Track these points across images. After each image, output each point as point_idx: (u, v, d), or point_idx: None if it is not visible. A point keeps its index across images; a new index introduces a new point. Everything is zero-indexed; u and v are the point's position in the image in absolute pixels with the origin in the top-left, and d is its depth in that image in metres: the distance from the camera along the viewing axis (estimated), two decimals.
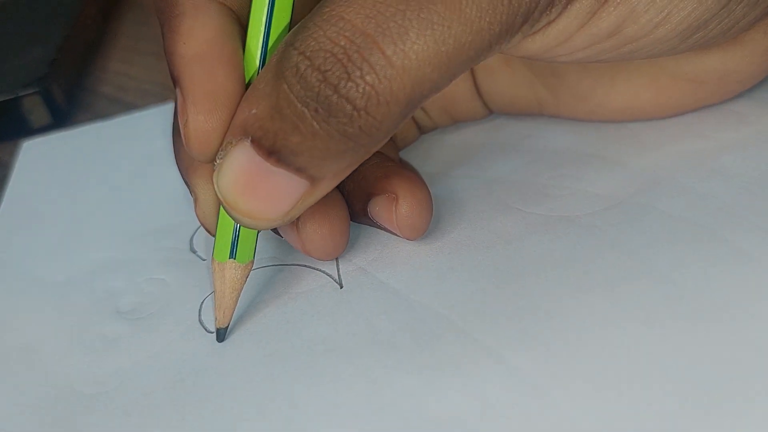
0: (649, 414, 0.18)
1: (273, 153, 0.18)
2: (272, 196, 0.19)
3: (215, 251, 0.22)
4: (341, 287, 0.23)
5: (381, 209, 0.22)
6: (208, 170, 0.21)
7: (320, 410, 0.20)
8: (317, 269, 0.24)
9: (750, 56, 0.23)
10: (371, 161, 0.23)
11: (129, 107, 0.37)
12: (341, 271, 0.24)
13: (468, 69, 0.19)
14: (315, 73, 0.17)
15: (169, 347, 0.23)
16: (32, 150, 0.34)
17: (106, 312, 0.25)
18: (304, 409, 0.20)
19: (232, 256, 0.21)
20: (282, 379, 0.21)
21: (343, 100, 0.17)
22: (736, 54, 0.23)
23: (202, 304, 0.24)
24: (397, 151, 0.27)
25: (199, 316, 0.23)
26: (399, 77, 0.17)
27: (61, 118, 0.37)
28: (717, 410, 0.17)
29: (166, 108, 0.34)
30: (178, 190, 0.28)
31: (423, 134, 0.28)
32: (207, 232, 0.23)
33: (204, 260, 0.26)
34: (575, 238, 0.22)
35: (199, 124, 0.19)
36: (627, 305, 0.20)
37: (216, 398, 0.21)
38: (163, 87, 0.37)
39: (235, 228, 0.21)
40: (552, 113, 0.27)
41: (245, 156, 0.18)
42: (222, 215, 0.21)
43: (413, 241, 0.24)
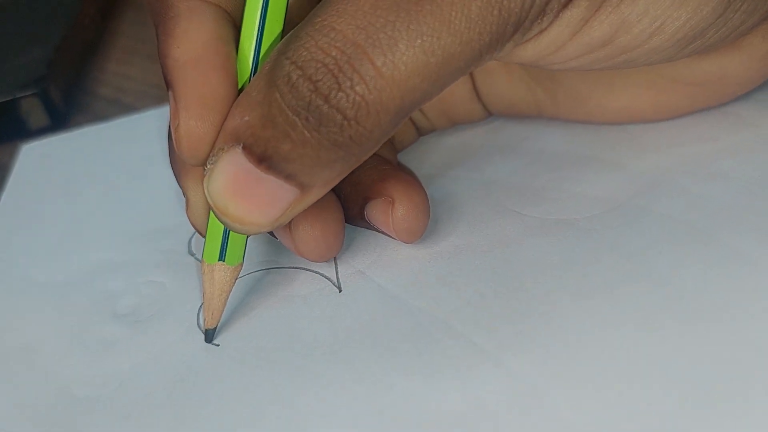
0: (649, 416, 0.18)
1: (264, 160, 0.18)
2: (262, 203, 0.19)
3: (205, 253, 0.22)
4: (340, 291, 0.23)
5: (377, 212, 0.23)
6: (200, 173, 0.21)
7: (319, 414, 0.20)
8: (316, 273, 0.24)
9: (749, 60, 0.23)
10: (368, 164, 0.23)
11: (127, 109, 0.36)
12: (340, 275, 0.24)
13: (459, 78, 0.19)
14: (306, 83, 0.18)
15: (168, 350, 0.23)
16: (31, 153, 0.34)
17: (105, 314, 0.25)
18: (303, 413, 0.20)
19: (222, 259, 0.21)
20: (281, 383, 0.21)
21: (334, 110, 0.18)
22: (735, 58, 0.23)
23: (200, 308, 0.24)
24: (396, 154, 0.27)
25: (198, 319, 0.23)
26: (389, 87, 0.18)
27: (59, 120, 0.37)
28: (716, 412, 0.17)
29: (164, 110, 0.34)
30: (176, 193, 0.27)
31: (422, 136, 0.28)
32: (198, 234, 0.23)
33: None
34: (574, 241, 0.22)
35: (191, 129, 0.19)
36: (626, 308, 0.20)
37: (214, 401, 0.21)
38: (162, 89, 0.37)
39: (225, 231, 0.21)
40: (551, 115, 0.27)
41: (236, 162, 0.18)
42: (212, 218, 0.21)
43: (412, 245, 0.24)
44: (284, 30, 0.20)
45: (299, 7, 0.21)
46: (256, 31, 0.20)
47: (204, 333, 0.22)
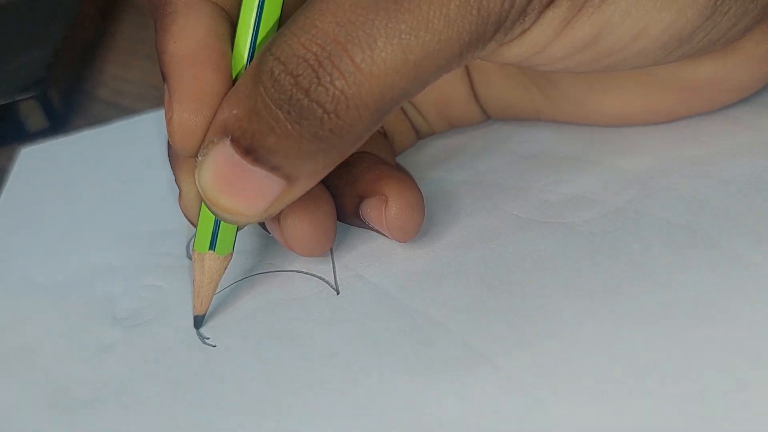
0: (646, 417, 0.18)
1: (250, 152, 0.19)
2: (250, 194, 0.19)
3: (196, 242, 0.22)
4: (338, 293, 0.23)
5: (371, 211, 0.23)
6: (192, 164, 0.22)
7: (316, 416, 0.20)
8: (314, 276, 0.24)
9: (742, 65, 0.23)
10: (364, 164, 0.23)
11: (126, 111, 0.37)
12: (338, 278, 0.24)
13: (441, 76, 0.19)
14: (288, 77, 0.18)
15: (166, 353, 0.23)
16: (29, 156, 0.34)
17: (104, 317, 0.25)
18: (301, 416, 0.20)
19: (212, 248, 0.22)
20: (278, 386, 0.21)
21: (314, 104, 0.18)
22: (728, 63, 0.23)
23: None
24: (394, 156, 0.27)
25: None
26: (367, 83, 0.18)
27: (58, 123, 0.37)
28: (713, 414, 0.17)
29: (163, 113, 0.34)
30: (174, 196, 0.27)
31: (421, 139, 0.28)
32: (190, 223, 0.23)
33: None
34: (571, 244, 0.22)
35: (183, 121, 0.20)
36: (623, 310, 0.20)
37: (212, 405, 0.21)
38: (160, 91, 0.37)
39: (216, 221, 0.22)
40: (548, 118, 0.27)
41: (225, 154, 0.19)
42: (204, 208, 0.22)
43: (409, 247, 0.24)
44: (280, 25, 0.21)
45: (296, 7, 0.21)
46: (252, 29, 0.20)
47: (193, 319, 0.23)
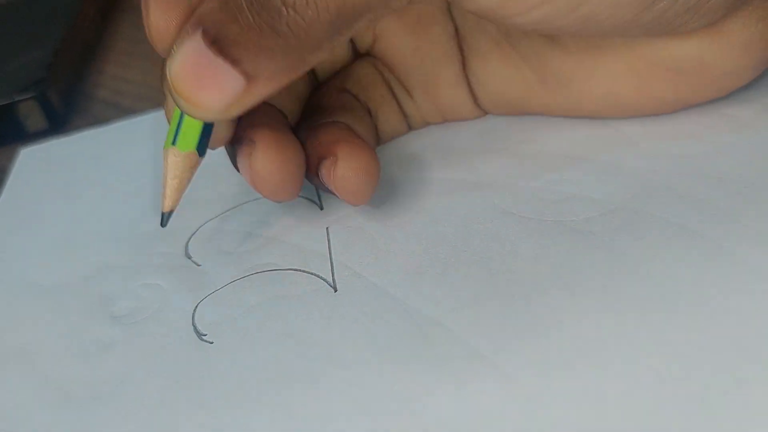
0: (645, 417, 0.18)
1: (215, 42, 0.19)
2: (212, 86, 0.20)
3: (166, 141, 0.22)
4: (335, 291, 0.23)
5: (324, 171, 0.23)
6: None
7: (314, 414, 0.20)
8: (312, 273, 0.24)
9: (728, 48, 0.23)
10: (330, 127, 0.24)
11: (126, 111, 0.37)
12: (335, 275, 0.24)
13: (406, 2, 0.20)
14: None
15: (164, 351, 0.23)
16: (29, 156, 0.34)
17: (102, 316, 0.25)
18: (298, 414, 0.20)
19: (174, 143, 0.22)
20: (276, 383, 0.21)
21: None
22: (713, 44, 0.23)
23: (196, 309, 0.24)
24: (375, 135, 0.27)
25: (193, 320, 0.23)
26: None
27: (58, 123, 0.37)
28: (715, 414, 0.17)
29: (162, 113, 0.34)
30: None
31: (412, 129, 0.28)
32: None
33: (199, 266, 0.26)
34: (570, 243, 0.22)
35: (158, 20, 0.21)
36: (622, 310, 0.20)
37: (210, 403, 0.21)
38: (160, 91, 0.37)
39: (181, 116, 0.22)
40: (540, 104, 0.27)
41: (195, 44, 0.20)
42: (176, 108, 0.22)
43: (408, 246, 0.24)
44: None
45: None
46: None
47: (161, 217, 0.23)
